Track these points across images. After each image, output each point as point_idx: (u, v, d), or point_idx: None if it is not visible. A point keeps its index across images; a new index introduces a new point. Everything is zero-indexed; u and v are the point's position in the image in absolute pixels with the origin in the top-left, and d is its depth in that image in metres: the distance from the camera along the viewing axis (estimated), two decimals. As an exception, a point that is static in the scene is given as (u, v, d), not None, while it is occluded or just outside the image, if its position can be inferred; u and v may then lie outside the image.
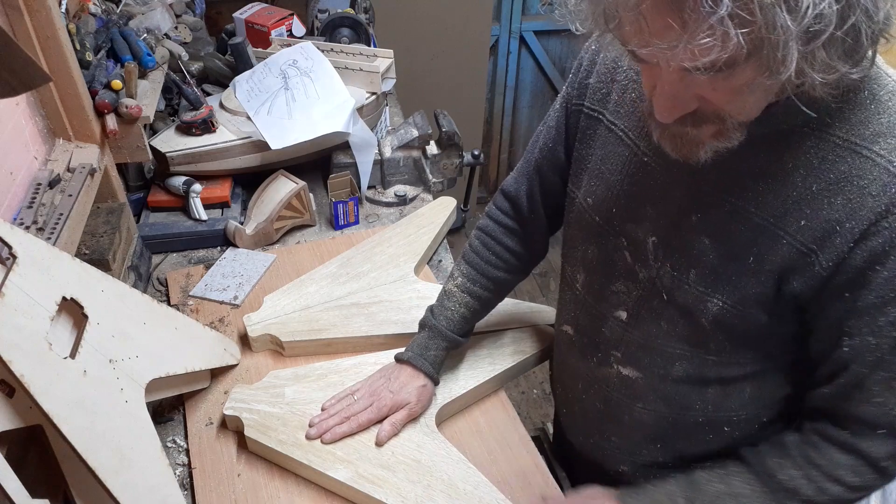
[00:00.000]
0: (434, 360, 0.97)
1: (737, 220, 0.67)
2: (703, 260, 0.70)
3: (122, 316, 0.87)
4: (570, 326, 0.90)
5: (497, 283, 0.99)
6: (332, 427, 0.92)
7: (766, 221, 0.65)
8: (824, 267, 0.62)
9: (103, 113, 1.13)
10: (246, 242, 1.31)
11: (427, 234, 1.30)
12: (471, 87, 2.76)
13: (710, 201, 0.68)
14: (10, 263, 0.73)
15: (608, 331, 0.83)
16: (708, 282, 0.70)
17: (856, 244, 0.60)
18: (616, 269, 0.80)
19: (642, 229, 0.75)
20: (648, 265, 0.75)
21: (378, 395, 0.94)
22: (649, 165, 0.74)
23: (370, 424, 0.93)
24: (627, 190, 0.76)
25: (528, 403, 2.38)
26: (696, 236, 0.70)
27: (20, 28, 0.96)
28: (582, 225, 0.84)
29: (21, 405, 0.69)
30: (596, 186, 0.80)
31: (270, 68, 1.43)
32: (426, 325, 0.99)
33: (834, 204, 0.61)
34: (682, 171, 0.69)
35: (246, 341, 1.09)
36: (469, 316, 0.98)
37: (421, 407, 0.95)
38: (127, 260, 1.15)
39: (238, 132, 1.35)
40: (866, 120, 0.60)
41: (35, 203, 0.95)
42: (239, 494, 0.89)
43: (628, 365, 0.82)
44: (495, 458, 0.95)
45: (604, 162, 0.79)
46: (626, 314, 0.80)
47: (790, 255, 0.64)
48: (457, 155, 1.49)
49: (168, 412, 1.01)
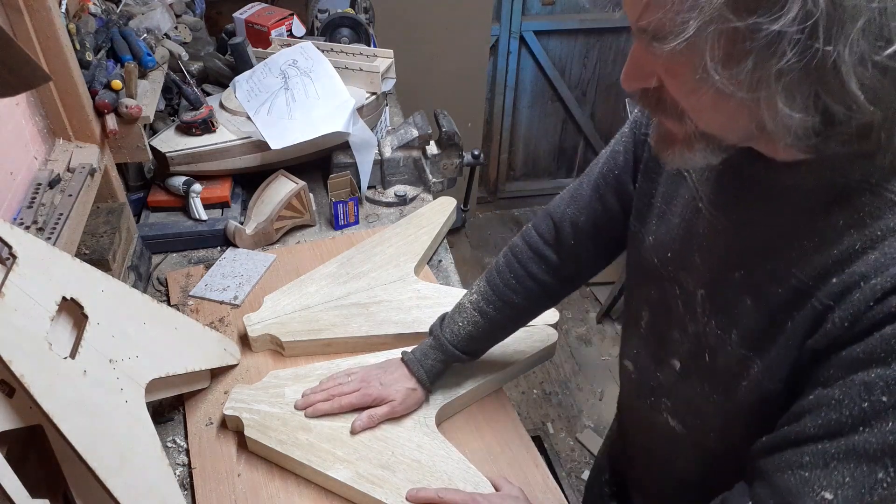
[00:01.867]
0: (430, 369, 0.95)
1: (776, 281, 0.60)
2: (745, 322, 0.63)
3: (122, 316, 0.87)
4: (631, 363, 0.85)
5: (512, 308, 0.93)
6: (317, 402, 0.93)
7: (803, 284, 0.57)
8: (837, 325, 0.55)
9: (103, 113, 1.13)
10: (246, 242, 1.31)
11: (427, 234, 1.30)
12: (471, 87, 2.76)
13: (753, 258, 0.62)
14: (10, 263, 0.73)
15: (663, 377, 0.78)
16: (750, 344, 0.63)
17: (876, 302, 0.52)
18: (673, 315, 0.74)
19: (692, 280, 0.70)
20: (697, 319, 0.70)
21: (368, 382, 0.94)
22: (702, 211, 0.68)
23: (351, 409, 0.93)
24: (682, 235, 0.71)
25: (528, 403, 2.38)
26: (739, 295, 0.63)
27: (20, 28, 0.96)
28: (642, 264, 0.78)
29: (21, 405, 0.69)
30: (657, 226, 0.75)
31: (270, 68, 1.43)
32: (432, 332, 0.98)
33: (867, 260, 0.53)
34: (730, 221, 0.64)
35: (246, 341, 1.09)
36: (476, 335, 0.95)
37: (404, 408, 0.94)
38: (127, 260, 1.15)
39: (238, 132, 1.35)
40: None
41: (35, 203, 0.95)
42: (239, 494, 0.89)
43: (676, 417, 0.77)
44: (495, 458, 0.95)
45: (666, 200, 0.74)
46: (679, 364, 0.74)
47: (812, 315, 0.57)
48: (457, 155, 1.49)
49: (168, 412, 1.01)
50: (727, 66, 0.47)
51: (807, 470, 0.56)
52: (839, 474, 0.54)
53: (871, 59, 0.44)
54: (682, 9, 0.46)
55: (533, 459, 0.95)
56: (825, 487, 0.54)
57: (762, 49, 0.45)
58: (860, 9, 0.42)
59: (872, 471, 0.52)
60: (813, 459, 0.55)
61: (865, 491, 0.53)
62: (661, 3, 0.47)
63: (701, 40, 0.46)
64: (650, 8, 0.48)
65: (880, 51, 0.44)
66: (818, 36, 0.43)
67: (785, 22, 0.43)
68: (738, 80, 0.47)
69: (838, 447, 0.54)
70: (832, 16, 0.43)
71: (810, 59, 0.44)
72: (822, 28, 0.43)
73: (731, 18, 0.44)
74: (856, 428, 0.53)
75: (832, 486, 0.54)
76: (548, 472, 0.94)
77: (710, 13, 0.45)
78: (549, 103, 3.16)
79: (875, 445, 0.52)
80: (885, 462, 0.52)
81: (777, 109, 0.47)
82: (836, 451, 0.54)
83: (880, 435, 0.52)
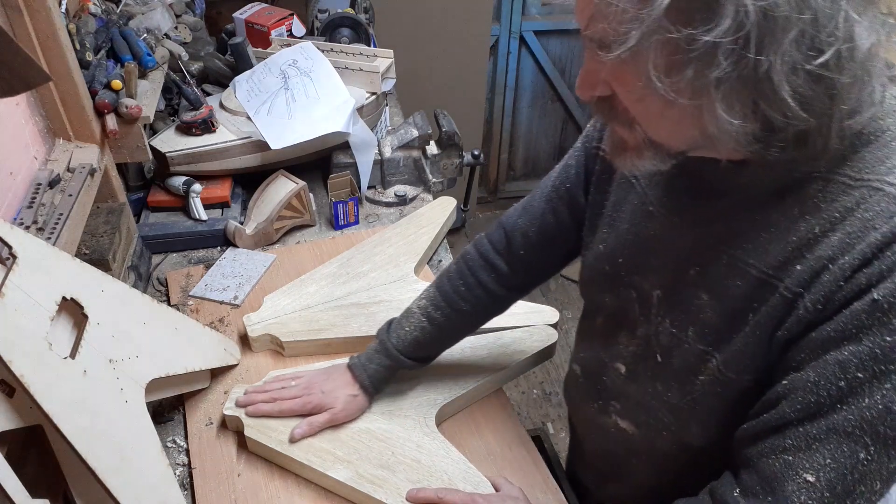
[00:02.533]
0: (374, 373, 0.94)
1: (734, 274, 0.61)
2: (702, 317, 0.65)
3: (122, 316, 0.87)
4: (579, 367, 0.88)
5: (460, 314, 0.93)
6: (258, 402, 0.94)
7: (764, 274, 0.59)
8: (810, 310, 0.55)
9: (103, 113, 1.13)
10: (246, 242, 1.31)
11: (427, 234, 1.30)
12: (471, 87, 2.76)
13: (708, 254, 0.64)
14: (10, 263, 0.73)
15: (609, 380, 0.80)
16: (708, 340, 0.65)
17: (846, 281, 0.53)
18: (627, 319, 0.76)
19: (648, 282, 0.72)
20: (649, 321, 0.72)
21: (310, 390, 0.94)
22: (654, 214, 0.70)
23: (291, 415, 0.93)
24: (633, 239, 0.73)
25: (528, 403, 2.38)
26: (695, 291, 0.65)
27: (20, 28, 0.96)
28: (595, 273, 0.80)
29: (21, 405, 0.69)
30: (608, 234, 0.77)
31: (270, 68, 1.43)
32: (378, 336, 0.96)
33: (830, 242, 0.55)
34: (683, 221, 0.66)
35: (246, 341, 1.09)
36: (423, 340, 0.93)
37: (345, 415, 0.92)
38: (127, 260, 1.15)
39: (238, 132, 1.35)
40: (885, 157, 0.54)
41: (35, 203, 0.95)
42: (239, 494, 0.89)
43: (626, 418, 0.79)
44: (495, 458, 0.95)
45: (615, 208, 0.76)
46: (625, 368, 0.77)
47: (781, 304, 0.58)
48: (457, 155, 1.49)
49: (168, 412, 1.01)
50: (669, 74, 0.49)
51: (790, 453, 0.57)
52: (821, 456, 0.55)
53: (803, 68, 0.47)
54: (625, 20, 0.48)
55: (533, 459, 0.95)
56: (807, 469, 0.56)
57: (699, 58, 0.47)
58: (791, 20, 0.45)
59: (853, 451, 0.54)
60: (795, 443, 0.57)
61: (847, 471, 0.54)
62: (604, 14, 0.49)
63: (643, 50, 0.49)
64: (595, 18, 0.51)
65: (812, 60, 0.47)
66: (751, 46, 0.46)
67: (718, 33, 0.45)
68: (679, 88, 0.50)
69: (819, 428, 0.55)
70: (763, 27, 0.45)
71: (744, 68, 0.47)
72: (754, 39, 0.45)
73: (669, 29, 0.47)
74: (834, 407, 0.54)
75: (814, 468, 0.55)
76: (548, 472, 0.94)
77: (650, 24, 0.47)
78: (549, 103, 3.16)
79: (854, 423, 0.53)
80: (865, 441, 0.53)
81: (718, 116, 0.50)
82: (816, 432, 0.55)
83: (857, 412, 0.53)
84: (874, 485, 0.54)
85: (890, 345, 0.51)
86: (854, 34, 0.47)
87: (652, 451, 0.77)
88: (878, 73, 0.52)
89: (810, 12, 0.45)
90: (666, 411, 0.72)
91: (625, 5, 0.47)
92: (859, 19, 0.47)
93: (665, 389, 0.71)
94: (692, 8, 0.46)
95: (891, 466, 0.54)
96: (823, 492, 0.55)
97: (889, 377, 0.52)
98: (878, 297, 0.51)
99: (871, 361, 0.52)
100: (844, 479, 0.54)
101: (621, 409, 0.79)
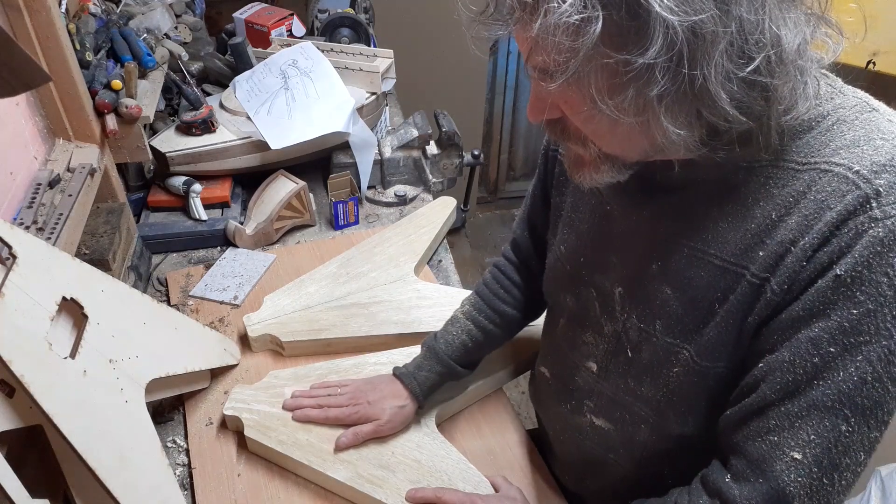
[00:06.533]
0: (424, 381, 0.94)
1: (696, 266, 0.63)
2: (667, 310, 0.66)
3: (122, 316, 0.87)
4: (547, 370, 0.89)
5: (503, 316, 0.96)
6: (306, 408, 0.94)
7: (725, 262, 0.61)
8: (777, 292, 0.57)
9: (103, 113, 1.13)
10: (246, 242, 1.31)
11: (427, 234, 1.30)
12: (471, 87, 2.76)
13: (668, 248, 0.65)
14: (10, 263, 0.73)
15: (581, 380, 0.81)
16: (676, 332, 0.66)
17: (808, 261, 0.55)
18: (589, 318, 0.78)
19: (609, 280, 0.73)
20: (615, 318, 0.73)
21: (357, 399, 0.94)
22: (612, 213, 0.72)
23: (337, 423, 0.93)
24: (594, 239, 0.75)
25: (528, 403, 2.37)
26: (658, 286, 0.67)
27: (20, 28, 0.96)
28: (557, 274, 0.82)
29: (21, 405, 0.69)
30: (567, 235, 0.80)
31: (270, 68, 1.43)
32: (426, 344, 0.97)
33: (789, 225, 0.57)
34: (641, 218, 0.68)
35: (246, 341, 1.09)
36: (470, 345, 0.95)
37: (390, 427, 0.92)
38: (127, 260, 1.15)
39: (238, 132, 1.35)
40: (829, 140, 0.57)
41: (35, 203, 0.95)
42: (239, 494, 0.89)
43: (601, 416, 0.80)
44: (495, 458, 0.95)
45: (574, 209, 0.79)
46: (596, 366, 0.78)
47: (750, 291, 0.59)
48: (457, 155, 1.49)
49: (168, 412, 1.00)
50: (612, 96, 0.52)
51: (775, 434, 0.58)
52: (804, 432, 0.57)
53: (736, 76, 0.50)
54: (562, 50, 0.50)
55: (533, 459, 0.95)
56: (793, 448, 0.57)
57: (637, 79, 0.50)
58: (718, 34, 0.47)
59: (835, 424, 0.55)
60: (778, 422, 0.58)
61: (831, 445, 0.56)
62: (542, 46, 0.52)
63: (584, 76, 0.52)
64: (534, 51, 0.53)
65: (743, 68, 0.50)
66: (684, 62, 0.48)
67: (651, 54, 0.48)
68: (623, 108, 0.52)
69: (799, 406, 0.57)
70: (693, 43, 0.48)
71: (681, 82, 0.49)
72: (686, 55, 0.48)
73: (605, 55, 0.50)
74: (811, 383, 0.56)
75: (800, 446, 0.57)
76: (547, 471, 0.94)
77: (586, 53, 0.49)
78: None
79: (833, 396, 0.55)
80: (845, 413, 0.55)
81: (665, 128, 0.52)
82: (798, 409, 0.57)
83: (834, 385, 0.55)
84: (858, 456, 0.56)
85: (857, 317, 0.53)
86: (780, 38, 0.50)
87: (630, 444, 0.78)
88: (810, 68, 0.54)
89: (735, 24, 0.48)
90: (642, 405, 0.73)
91: (560, 38, 0.49)
92: (783, 23, 0.50)
93: (638, 385, 0.73)
94: (623, 33, 0.48)
95: (871, 436, 0.56)
96: (811, 467, 0.56)
97: (860, 349, 0.54)
98: (841, 273, 0.53)
99: (840, 335, 0.54)
100: (830, 452, 0.56)
101: (595, 408, 0.80)
